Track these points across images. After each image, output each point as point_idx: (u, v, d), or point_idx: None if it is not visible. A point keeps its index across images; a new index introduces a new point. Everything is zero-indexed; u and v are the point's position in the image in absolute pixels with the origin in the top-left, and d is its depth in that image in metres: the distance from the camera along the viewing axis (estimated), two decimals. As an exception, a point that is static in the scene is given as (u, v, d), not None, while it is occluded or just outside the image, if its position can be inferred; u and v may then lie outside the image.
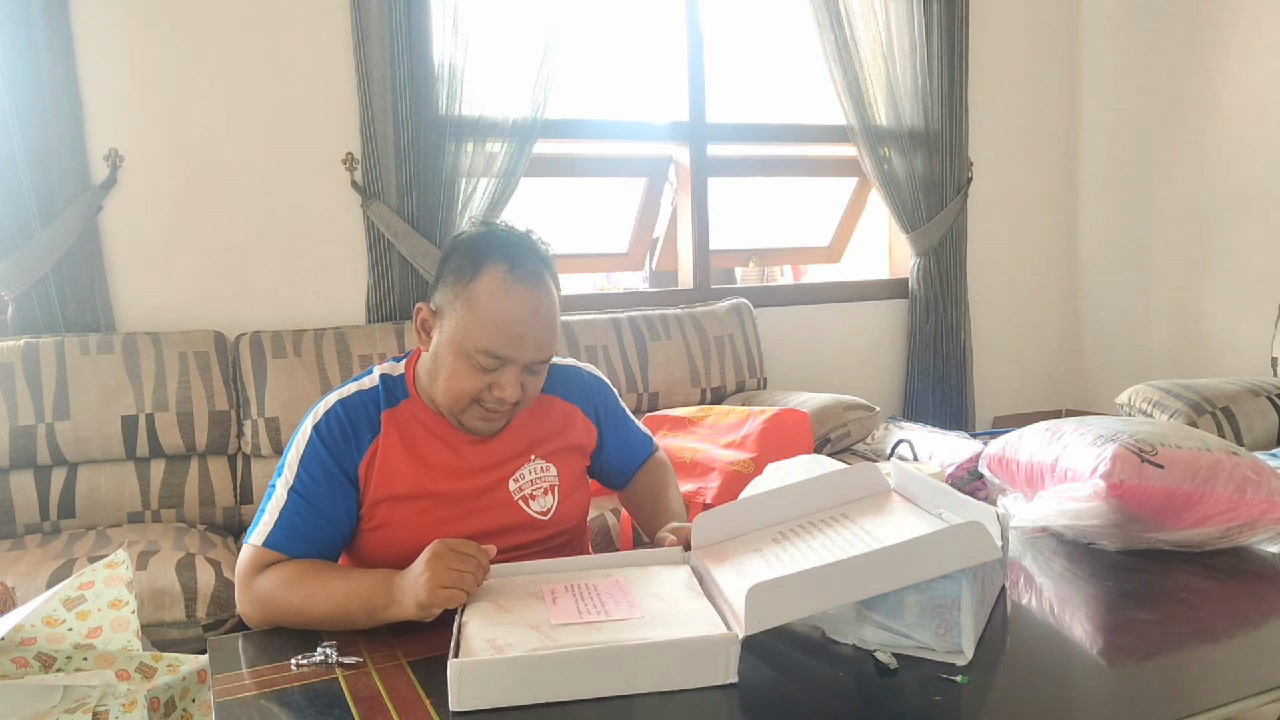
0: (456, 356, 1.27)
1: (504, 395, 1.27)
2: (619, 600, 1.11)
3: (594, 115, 3.22)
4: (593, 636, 1.01)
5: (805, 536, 1.19)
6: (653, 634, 1.02)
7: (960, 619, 1.00)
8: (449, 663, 0.95)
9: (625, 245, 3.59)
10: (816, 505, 1.26)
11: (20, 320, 2.46)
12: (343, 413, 1.32)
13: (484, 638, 1.01)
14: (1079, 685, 1.02)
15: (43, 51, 2.42)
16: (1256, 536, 1.35)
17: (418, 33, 2.73)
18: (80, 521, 2.36)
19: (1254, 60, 3.22)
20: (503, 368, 1.27)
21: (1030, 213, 3.83)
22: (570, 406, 1.45)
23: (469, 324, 1.26)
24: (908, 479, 1.27)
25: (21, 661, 1.28)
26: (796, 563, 1.10)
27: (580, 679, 0.97)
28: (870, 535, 1.14)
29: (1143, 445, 1.37)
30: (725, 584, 1.12)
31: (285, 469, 1.30)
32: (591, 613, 1.08)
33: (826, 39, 3.28)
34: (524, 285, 1.27)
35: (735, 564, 1.16)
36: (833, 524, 1.21)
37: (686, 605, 1.10)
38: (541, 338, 1.28)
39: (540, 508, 1.38)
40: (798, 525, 1.23)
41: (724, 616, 1.06)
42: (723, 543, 1.24)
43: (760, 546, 1.19)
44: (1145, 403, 2.60)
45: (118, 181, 2.57)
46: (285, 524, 1.26)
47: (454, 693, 0.95)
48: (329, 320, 2.76)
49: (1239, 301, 3.31)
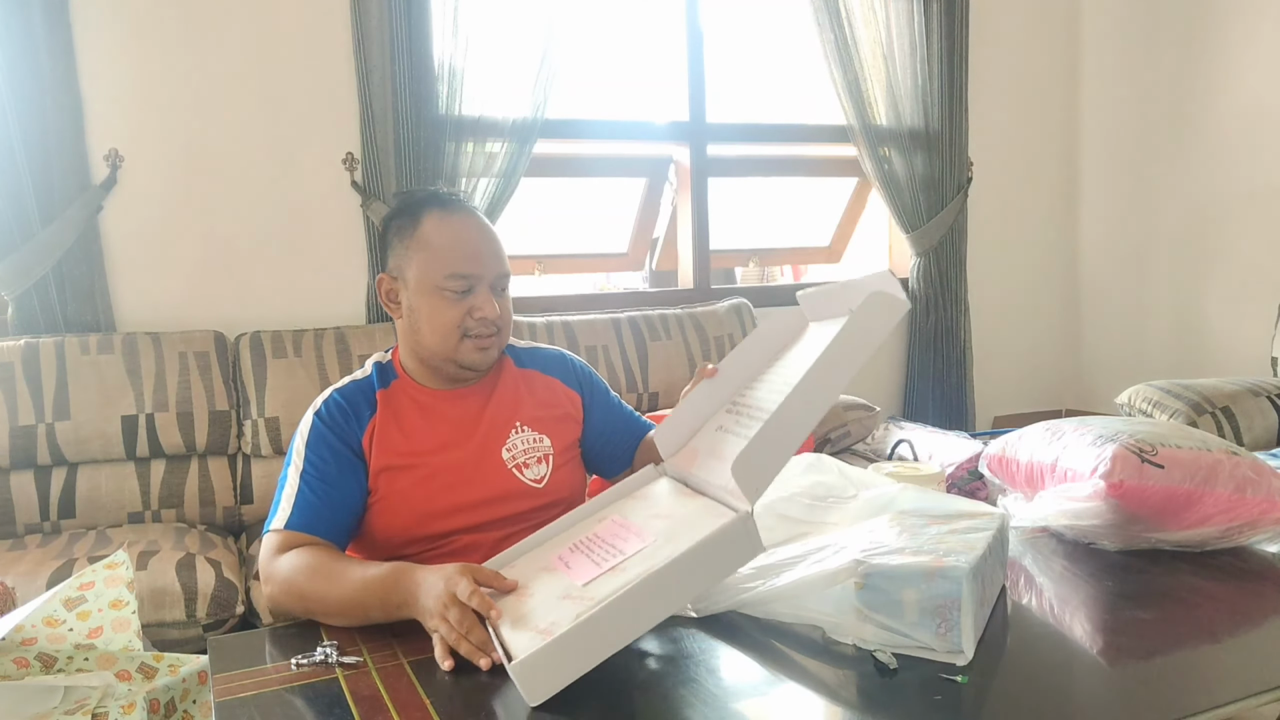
0: (430, 295, 1.37)
1: (485, 314, 1.37)
2: (626, 536, 1.11)
3: (594, 115, 3.22)
4: (622, 578, 1.01)
5: (755, 394, 1.20)
6: (674, 548, 1.01)
7: (960, 619, 1.01)
8: (509, 668, 0.96)
9: (625, 245, 3.60)
10: (752, 363, 1.28)
11: (20, 320, 2.46)
12: (342, 399, 1.39)
13: (526, 629, 1.01)
14: (1079, 685, 1.02)
15: (43, 51, 2.42)
16: (1257, 536, 1.35)
17: (418, 33, 2.73)
18: (80, 521, 2.36)
19: (1254, 60, 3.22)
20: (473, 290, 1.37)
21: (1030, 213, 3.83)
22: (551, 379, 1.52)
23: (428, 261, 1.37)
24: (816, 300, 1.27)
25: (23, 662, 1.28)
26: (761, 420, 1.08)
27: (632, 621, 0.98)
28: (794, 369, 1.14)
29: (1143, 445, 1.37)
30: (709, 472, 1.13)
31: (293, 459, 1.35)
32: (608, 558, 1.07)
33: (826, 39, 3.28)
34: (461, 213, 1.40)
35: (707, 450, 1.18)
36: (772, 374, 1.23)
37: (687, 510, 1.11)
38: (495, 251, 1.40)
39: (534, 475, 1.42)
40: (744, 391, 1.25)
41: (724, 502, 1.07)
42: (688, 444, 1.26)
43: (721, 424, 1.21)
44: (1145, 403, 2.60)
45: (118, 181, 2.57)
46: (302, 505, 1.30)
47: (527, 691, 0.95)
48: (329, 320, 2.76)
49: (1239, 301, 3.31)
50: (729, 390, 1.28)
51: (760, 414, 1.12)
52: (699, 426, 1.28)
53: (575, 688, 0.97)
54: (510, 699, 0.98)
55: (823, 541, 1.18)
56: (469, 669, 1.04)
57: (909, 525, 1.18)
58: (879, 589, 1.04)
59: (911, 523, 1.19)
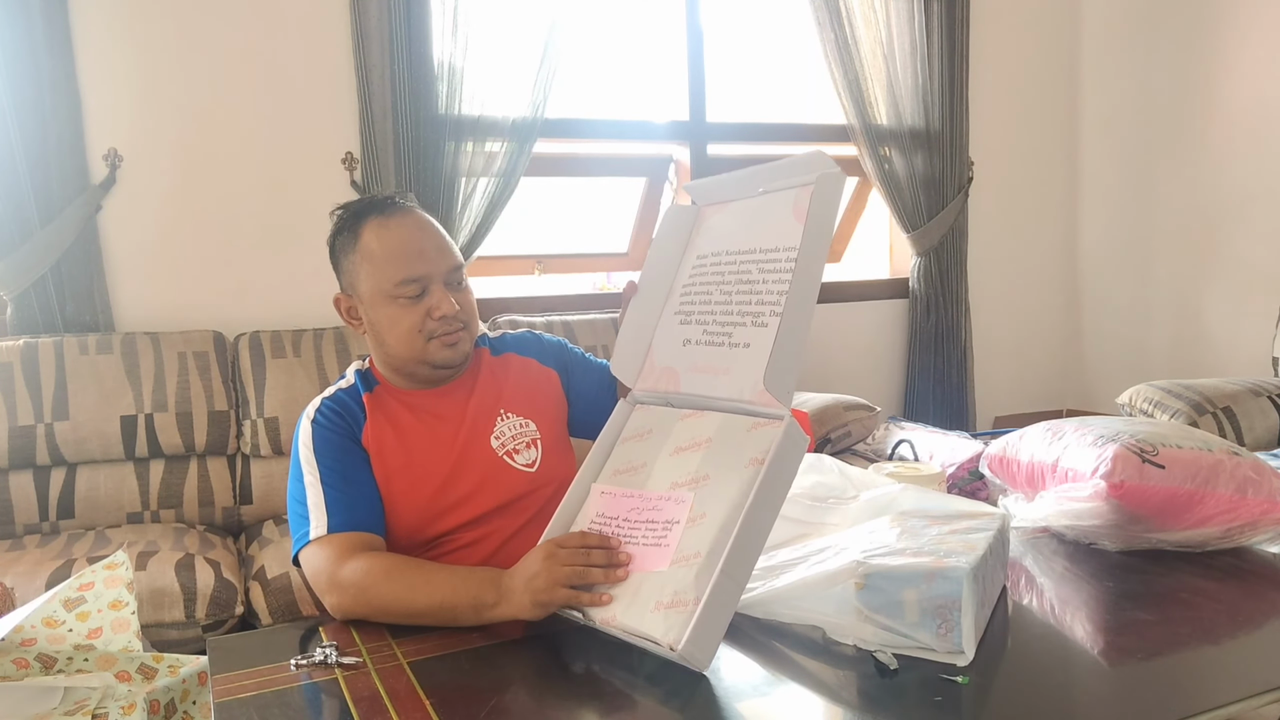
0: (386, 305, 1.35)
1: (443, 311, 1.34)
2: (659, 507, 1.11)
3: (594, 114, 3.21)
4: (711, 525, 1.04)
5: (698, 291, 1.22)
6: (739, 476, 1.06)
7: (961, 619, 1.00)
8: (669, 655, 0.98)
9: (625, 245, 3.59)
10: (669, 263, 1.29)
11: (19, 320, 2.46)
12: (333, 404, 1.38)
13: (646, 611, 1.02)
14: (1080, 686, 1.01)
15: (42, 51, 2.42)
16: (1257, 537, 1.35)
17: (417, 32, 2.73)
18: (79, 522, 2.36)
19: (1254, 59, 3.22)
20: (427, 290, 1.35)
21: (1031, 212, 3.83)
22: (527, 360, 1.51)
23: (376, 272, 1.35)
24: (705, 190, 1.30)
25: (22, 662, 1.28)
26: (715, 316, 1.17)
27: (748, 558, 1.02)
28: (743, 251, 1.18)
29: (1144, 445, 1.37)
30: (708, 387, 1.16)
31: (304, 471, 1.32)
32: (674, 514, 1.08)
33: (827, 38, 3.27)
34: (398, 216, 1.37)
35: (687, 365, 1.20)
36: (699, 265, 1.24)
37: (709, 431, 1.14)
38: (440, 245, 1.37)
39: (525, 460, 1.41)
40: (682, 292, 1.26)
41: (748, 412, 1.11)
42: (649, 363, 1.26)
43: (684, 336, 1.22)
44: (1146, 403, 2.60)
45: (117, 181, 2.57)
46: (337, 507, 1.28)
47: (699, 662, 0.98)
48: (328, 320, 2.75)
49: (1240, 301, 3.31)
50: (660, 296, 1.28)
51: (724, 311, 1.16)
52: (650, 341, 1.28)
53: (578, 687, 0.97)
54: (510, 699, 0.98)
55: (823, 542, 1.18)
56: (469, 669, 1.04)
57: (909, 526, 1.18)
58: (879, 589, 1.04)
59: (912, 523, 1.19)
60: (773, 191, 1.19)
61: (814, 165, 1.15)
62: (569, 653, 1.08)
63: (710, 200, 1.30)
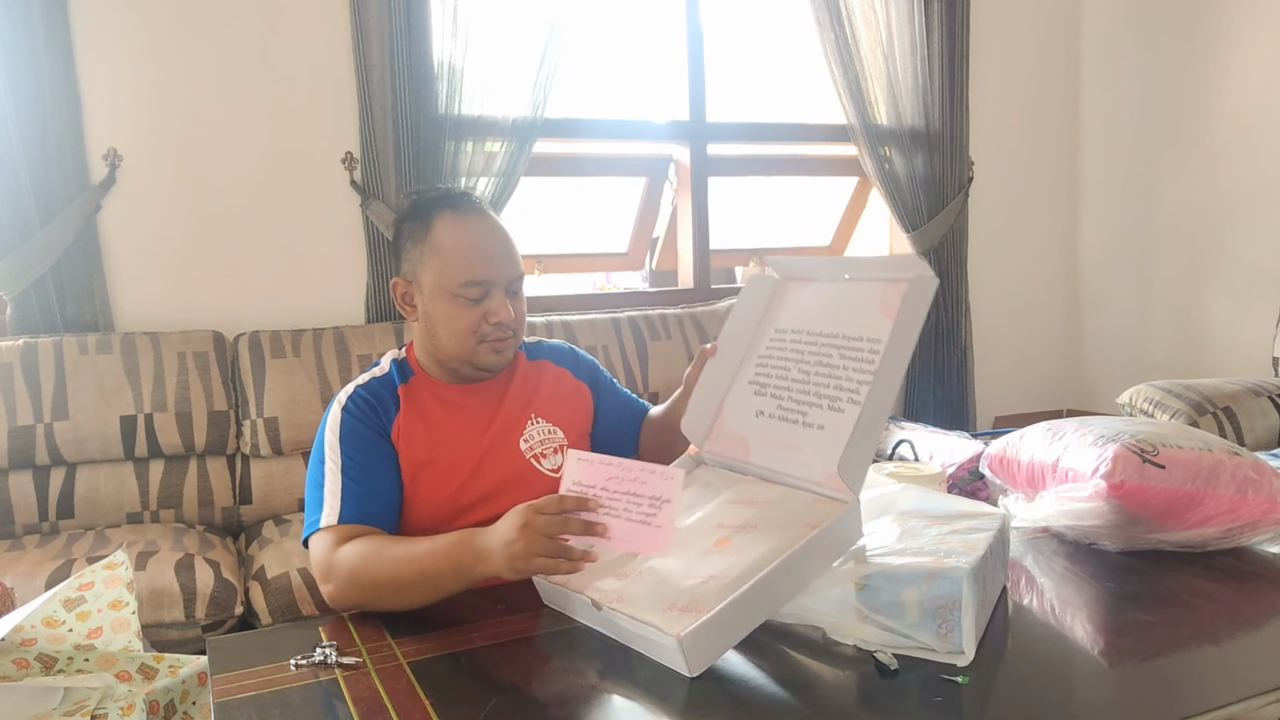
0: (446, 301, 1.37)
1: (500, 318, 1.37)
2: (643, 480, 1.09)
3: (594, 114, 3.21)
4: (740, 558, 1.06)
5: (774, 367, 1.26)
6: (784, 534, 1.07)
7: (961, 619, 1.00)
8: (666, 644, 0.97)
9: (625, 245, 3.59)
10: (745, 333, 1.32)
11: (19, 320, 2.46)
12: (366, 394, 1.40)
13: (661, 604, 1.03)
14: (1080, 686, 1.01)
15: (42, 50, 2.41)
16: (1258, 537, 1.35)
17: (417, 32, 2.73)
18: (79, 522, 2.36)
19: (1255, 59, 3.21)
20: (488, 295, 1.37)
21: (1031, 212, 3.83)
22: (561, 370, 1.54)
23: (443, 267, 1.36)
24: (789, 266, 1.35)
25: (23, 663, 1.28)
26: (792, 394, 1.21)
27: (771, 598, 1.04)
28: (826, 334, 1.22)
29: (1144, 445, 1.37)
30: (779, 463, 1.19)
31: (327, 456, 1.34)
32: (651, 508, 1.07)
33: (827, 38, 3.27)
34: (473, 215, 1.39)
35: (760, 438, 1.22)
36: (777, 340, 1.28)
37: (771, 496, 1.17)
38: (508, 254, 1.40)
39: (551, 465, 1.44)
40: (758, 364, 1.29)
41: (814, 492, 1.14)
42: (718, 427, 1.29)
43: (758, 408, 1.25)
44: (1146, 403, 2.60)
45: (116, 181, 2.57)
46: (350, 498, 1.30)
47: (690, 662, 0.98)
48: (328, 320, 2.76)
49: (1240, 301, 3.31)
50: (735, 363, 1.31)
51: (800, 389, 1.20)
52: (719, 407, 1.31)
53: (578, 687, 0.97)
54: (510, 699, 0.98)
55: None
56: (469, 669, 1.04)
57: (910, 526, 1.18)
58: (880, 590, 1.04)
59: (912, 523, 1.19)
60: (860, 281, 1.23)
61: (908, 266, 1.17)
62: (569, 653, 1.08)
63: (793, 276, 1.34)
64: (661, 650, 1.01)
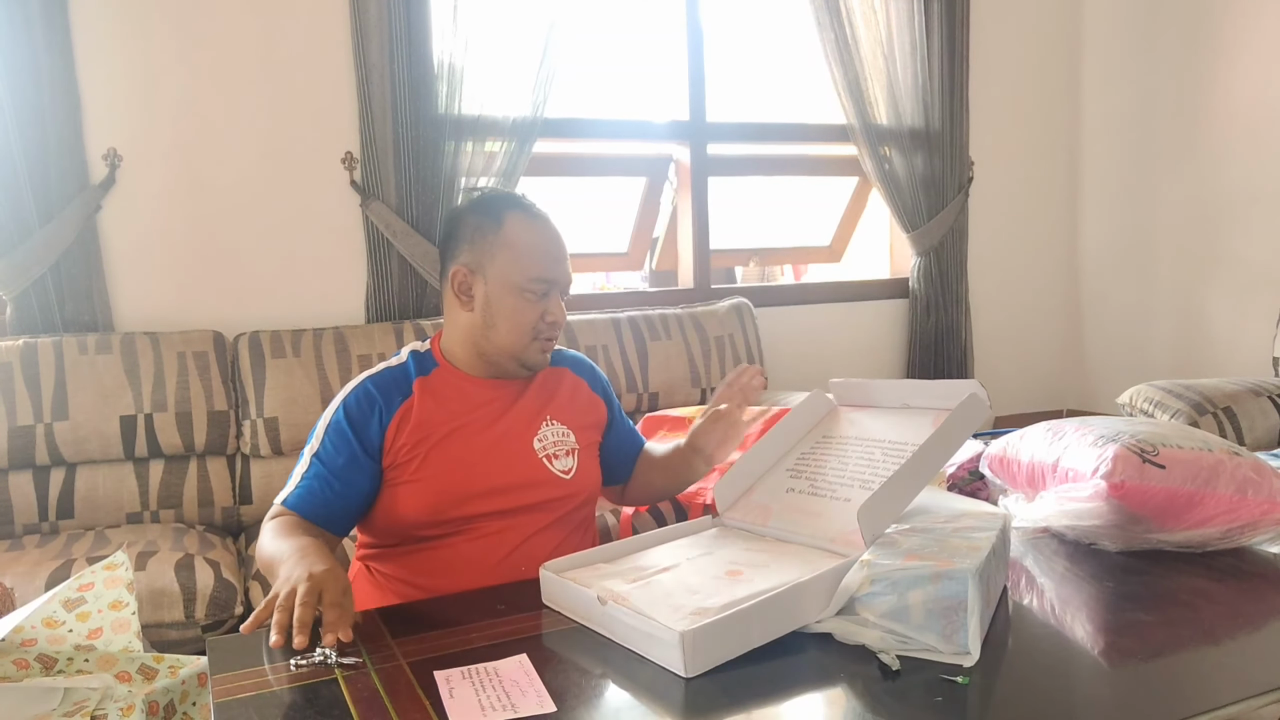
0: (513, 295, 1.42)
1: (556, 319, 1.44)
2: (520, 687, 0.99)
3: (594, 114, 3.21)
4: (750, 587, 1.08)
5: (814, 463, 1.32)
6: (800, 569, 1.11)
7: (967, 620, 1.00)
8: (680, 635, 0.98)
9: (625, 245, 3.59)
10: (793, 437, 1.41)
11: (18, 320, 2.46)
12: (373, 387, 1.43)
13: (667, 605, 1.05)
14: (1080, 686, 1.01)
15: (41, 51, 2.41)
16: (1258, 537, 1.35)
17: (417, 31, 2.73)
18: (79, 522, 2.36)
19: (1256, 59, 3.22)
20: (549, 293, 1.43)
21: (1031, 212, 3.83)
22: (579, 380, 1.58)
23: (513, 261, 1.41)
24: (849, 390, 1.43)
25: (22, 663, 1.28)
26: (827, 478, 1.28)
27: (777, 619, 1.05)
28: (873, 440, 1.29)
29: (1144, 445, 1.37)
30: (801, 527, 1.22)
31: (314, 435, 1.42)
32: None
33: (827, 38, 3.27)
34: (542, 219, 1.45)
35: (785, 508, 1.27)
36: (824, 446, 1.35)
37: (784, 549, 1.20)
38: (567, 259, 1.47)
39: (562, 467, 1.47)
40: (800, 460, 1.35)
41: (827, 549, 1.17)
42: (744, 499, 1.34)
43: (790, 486, 1.31)
44: (1147, 403, 2.60)
45: (116, 181, 2.56)
46: (304, 487, 1.38)
47: (688, 660, 0.98)
48: (328, 320, 2.76)
49: (1241, 301, 3.31)
50: (778, 453, 1.39)
51: (836, 475, 1.27)
52: (753, 485, 1.37)
53: (578, 687, 0.97)
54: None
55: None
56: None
57: (911, 526, 1.18)
58: (883, 591, 1.04)
59: (914, 523, 1.19)
60: (915, 409, 1.30)
61: (964, 390, 1.24)
62: (569, 653, 1.08)
63: (850, 401, 1.43)
64: (660, 647, 1.01)
